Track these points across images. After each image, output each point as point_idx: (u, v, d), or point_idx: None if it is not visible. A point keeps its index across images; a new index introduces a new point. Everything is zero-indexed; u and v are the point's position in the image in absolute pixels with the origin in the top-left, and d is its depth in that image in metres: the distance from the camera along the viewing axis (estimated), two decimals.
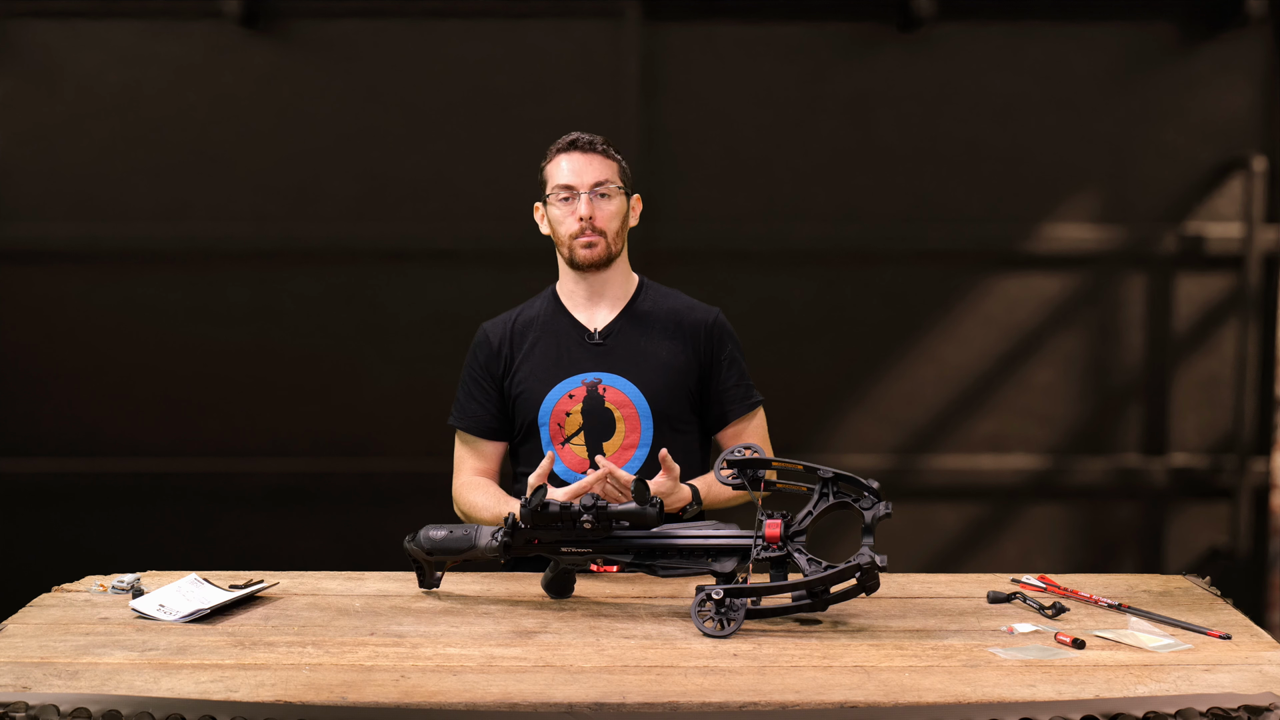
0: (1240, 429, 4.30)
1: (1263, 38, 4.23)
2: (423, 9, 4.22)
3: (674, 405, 2.56)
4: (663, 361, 2.56)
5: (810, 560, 2.05)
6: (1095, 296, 4.31)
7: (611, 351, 2.56)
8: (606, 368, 2.55)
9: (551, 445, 2.55)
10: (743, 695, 1.74)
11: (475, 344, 2.65)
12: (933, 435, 4.33)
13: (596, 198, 2.53)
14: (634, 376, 2.54)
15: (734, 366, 2.61)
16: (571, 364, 2.56)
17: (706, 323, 2.61)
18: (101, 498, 4.27)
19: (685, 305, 2.63)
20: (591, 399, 2.54)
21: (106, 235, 4.21)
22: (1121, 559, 4.38)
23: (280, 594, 2.26)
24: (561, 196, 2.54)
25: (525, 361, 2.58)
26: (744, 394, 2.61)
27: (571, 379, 2.55)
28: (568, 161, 2.54)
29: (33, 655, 1.91)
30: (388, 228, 4.24)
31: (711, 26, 4.24)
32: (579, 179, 2.52)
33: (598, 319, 2.59)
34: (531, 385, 2.56)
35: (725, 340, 2.61)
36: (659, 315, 2.60)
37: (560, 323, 2.60)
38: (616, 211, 2.55)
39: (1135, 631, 2.02)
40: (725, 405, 2.60)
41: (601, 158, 2.55)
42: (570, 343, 2.58)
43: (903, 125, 4.24)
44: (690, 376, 2.58)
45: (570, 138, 2.56)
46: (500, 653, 1.94)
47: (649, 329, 2.58)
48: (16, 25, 4.18)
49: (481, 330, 2.65)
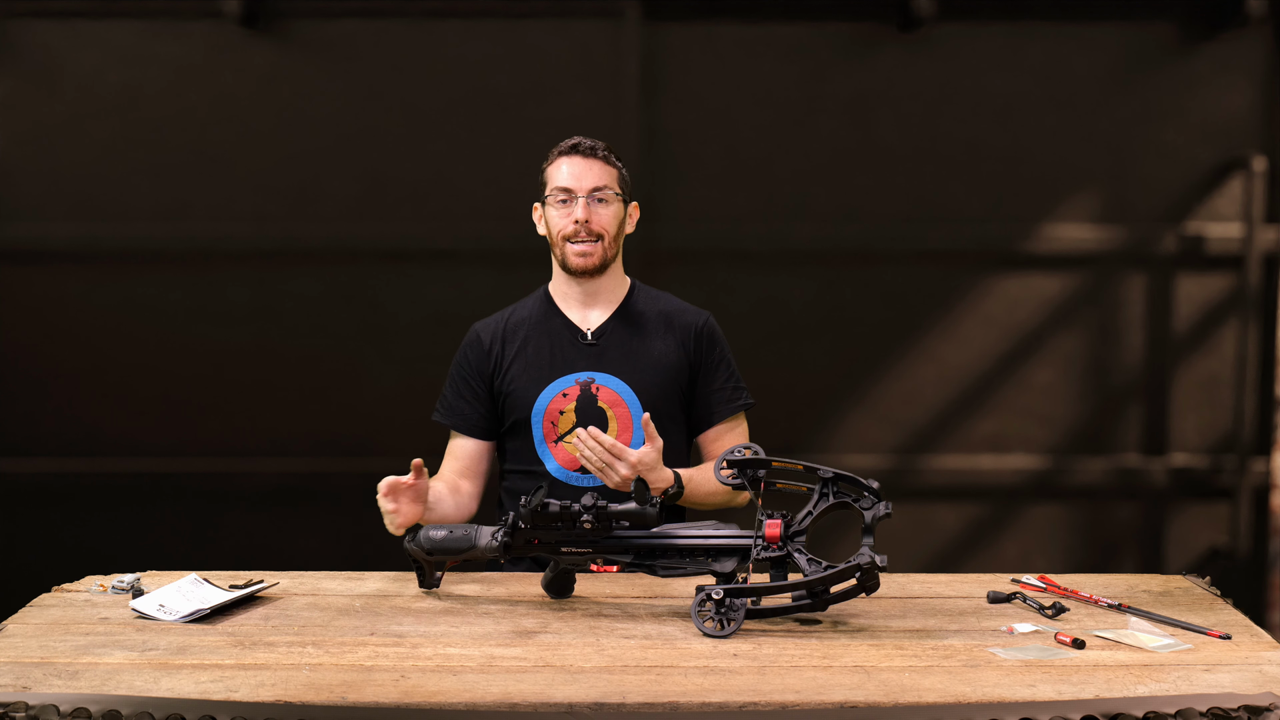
0: (1240, 429, 4.30)
1: (1263, 38, 4.23)
2: (423, 9, 4.22)
3: (665, 405, 2.58)
4: (655, 362, 2.58)
5: (810, 560, 2.05)
6: (1095, 296, 4.31)
7: (604, 351, 2.58)
8: (599, 367, 2.57)
9: (545, 443, 2.56)
10: (743, 695, 1.74)
11: (466, 343, 2.67)
12: (933, 435, 4.33)
13: (594, 202, 2.54)
14: (627, 376, 2.56)
15: (721, 370, 2.63)
16: (565, 363, 2.58)
17: (697, 325, 2.63)
18: (101, 498, 4.27)
19: (676, 307, 2.65)
20: (585, 398, 2.55)
21: (106, 235, 4.21)
22: (1121, 559, 4.38)
23: (280, 594, 2.26)
24: (560, 199, 2.55)
25: (517, 360, 2.60)
26: (729, 397, 2.63)
27: (565, 378, 2.57)
28: (568, 165, 2.56)
29: (33, 655, 1.91)
30: (388, 228, 4.24)
31: (711, 26, 4.24)
32: (578, 183, 2.54)
33: (591, 319, 2.61)
34: (524, 384, 2.58)
35: (715, 343, 2.64)
36: (651, 316, 2.62)
37: (553, 323, 2.61)
38: (613, 217, 2.57)
39: (1135, 631, 2.02)
40: (711, 408, 2.63)
41: (602, 164, 2.56)
42: (563, 342, 2.60)
43: (903, 125, 4.24)
44: (681, 377, 2.60)
45: (572, 141, 2.58)
46: (500, 653, 1.94)
47: (641, 329, 2.60)
48: (16, 25, 4.18)
49: (473, 330, 2.67)
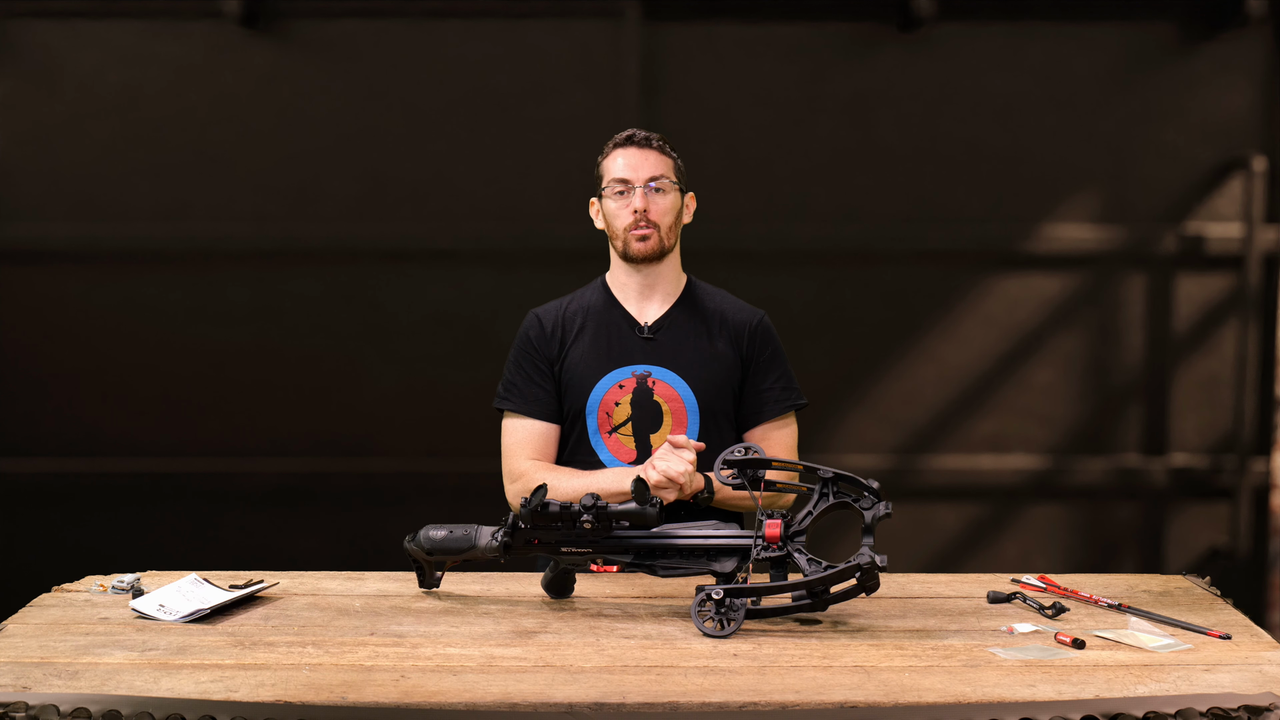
0: (1240, 429, 4.30)
1: (1263, 38, 4.23)
2: (423, 9, 4.22)
3: (720, 402, 2.57)
4: (710, 358, 2.58)
5: (810, 560, 2.05)
6: (1095, 296, 4.31)
7: (661, 345, 2.58)
8: (656, 361, 2.57)
9: (599, 434, 2.56)
10: (743, 695, 1.74)
11: (525, 327, 2.64)
12: (933, 435, 4.33)
13: (651, 192, 2.54)
14: (683, 371, 2.56)
15: (773, 369, 2.62)
16: (622, 355, 2.58)
17: (751, 324, 2.62)
18: (101, 498, 4.27)
19: (732, 305, 2.65)
20: (641, 391, 2.55)
21: (106, 235, 4.21)
22: (1121, 559, 4.38)
23: (280, 594, 2.26)
24: (617, 190, 2.56)
25: (574, 347, 2.59)
26: (779, 397, 2.61)
27: (622, 369, 2.57)
28: (624, 156, 2.56)
29: (33, 655, 1.91)
30: (388, 228, 4.24)
31: (711, 26, 4.24)
32: (635, 173, 2.54)
33: (648, 312, 2.61)
34: (581, 373, 2.57)
35: (768, 342, 2.62)
36: (707, 312, 2.62)
37: (612, 314, 2.61)
38: (671, 206, 2.57)
39: (1135, 631, 2.02)
40: (760, 406, 2.61)
41: (657, 153, 2.57)
42: (621, 333, 2.59)
43: (903, 125, 4.24)
44: (735, 375, 2.59)
45: (627, 133, 2.59)
46: (500, 653, 1.94)
47: (697, 325, 2.60)
48: (16, 25, 4.18)
49: (532, 315, 2.65)
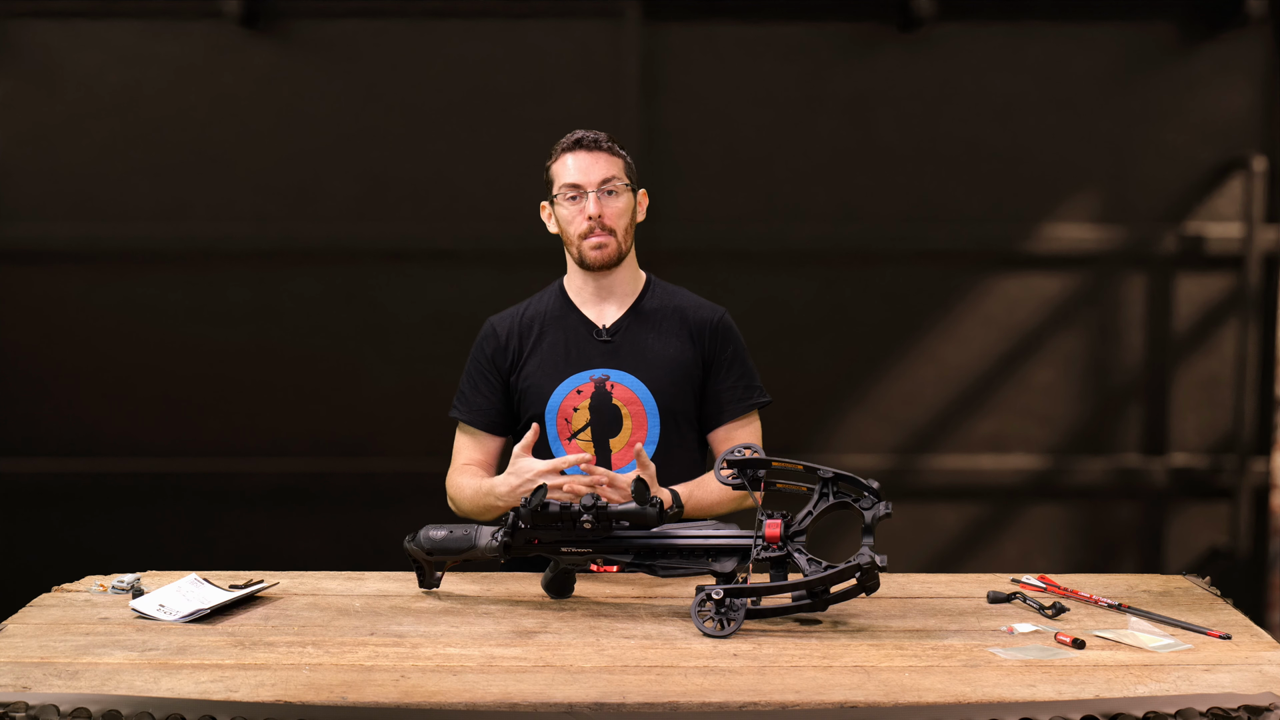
0: (1240, 429, 4.30)
1: (1263, 38, 4.23)
2: (423, 9, 4.22)
3: (680, 403, 2.55)
4: (670, 359, 2.55)
5: (810, 560, 2.04)
6: (1095, 296, 4.31)
7: (620, 348, 2.56)
8: (615, 364, 2.55)
9: (559, 440, 2.55)
10: (743, 695, 1.74)
11: (482, 337, 2.63)
12: (933, 435, 4.33)
13: (604, 195, 2.52)
14: (642, 374, 2.54)
15: (735, 368, 2.59)
16: (580, 359, 2.56)
17: (711, 321, 2.60)
18: (101, 498, 4.27)
19: (692, 303, 2.62)
20: (599, 395, 2.53)
21: (106, 235, 4.21)
22: (1121, 559, 4.38)
23: (280, 594, 2.26)
24: (569, 195, 2.53)
25: (533, 355, 2.58)
26: (741, 395, 2.59)
27: (580, 374, 2.55)
28: (574, 160, 2.53)
29: (33, 655, 1.91)
30: (388, 228, 4.24)
31: (711, 26, 4.23)
32: (586, 177, 2.52)
33: (606, 315, 2.59)
34: (539, 379, 2.56)
35: (729, 340, 2.59)
36: (666, 313, 2.59)
37: (569, 318, 2.59)
38: (625, 208, 2.54)
39: (1135, 631, 2.02)
40: (721, 405, 2.59)
41: (607, 155, 2.54)
42: (579, 338, 2.57)
43: (903, 125, 4.24)
44: (696, 374, 2.57)
45: (575, 136, 2.55)
46: (500, 653, 1.93)
47: (656, 326, 2.58)
48: (16, 25, 4.18)
49: (488, 324, 2.64)
